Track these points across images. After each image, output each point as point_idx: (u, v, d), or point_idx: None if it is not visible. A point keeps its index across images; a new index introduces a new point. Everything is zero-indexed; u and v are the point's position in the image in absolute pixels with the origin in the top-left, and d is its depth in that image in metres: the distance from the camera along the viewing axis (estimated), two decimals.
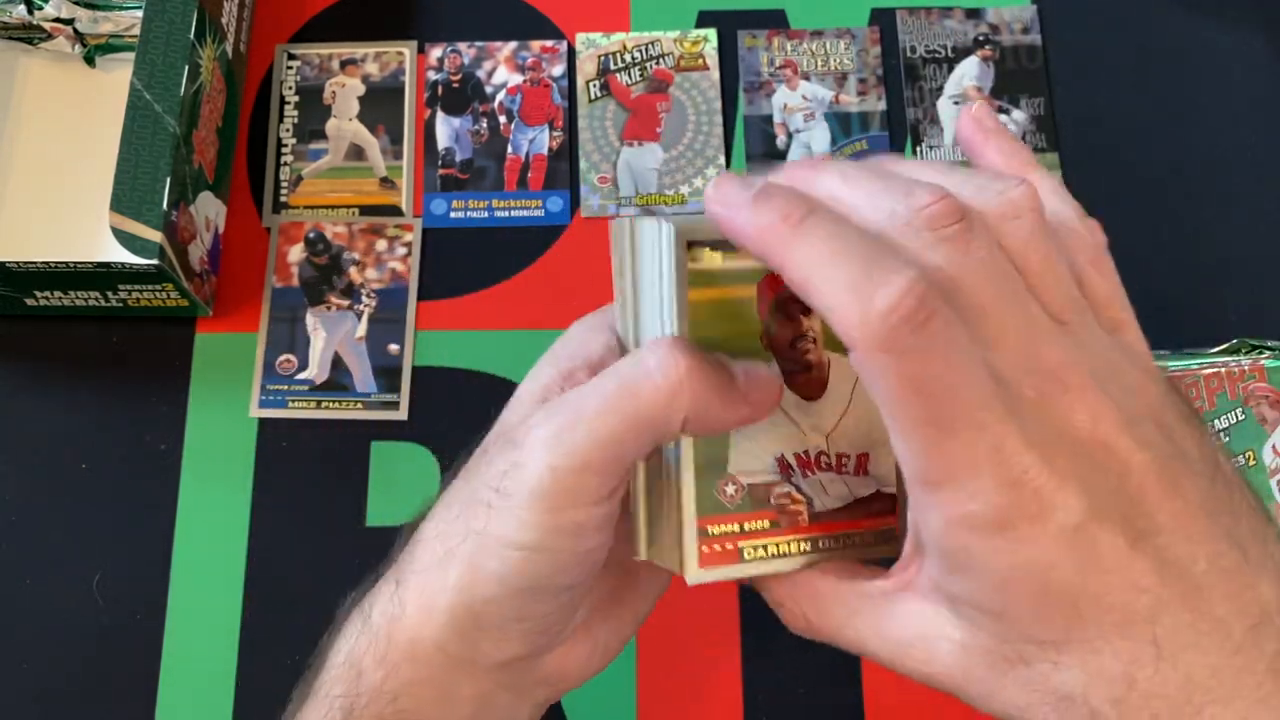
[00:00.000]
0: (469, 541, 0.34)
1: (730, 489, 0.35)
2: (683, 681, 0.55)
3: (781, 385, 0.35)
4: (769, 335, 0.35)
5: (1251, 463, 0.54)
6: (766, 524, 0.35)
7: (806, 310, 0.35)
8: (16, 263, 0.54)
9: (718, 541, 0.35)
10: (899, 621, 0.33)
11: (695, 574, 0.34)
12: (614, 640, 0.41)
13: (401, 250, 0.62)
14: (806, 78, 0.65)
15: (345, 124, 0.65)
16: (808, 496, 0.36)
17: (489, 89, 0.65)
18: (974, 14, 0.66)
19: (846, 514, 0.37)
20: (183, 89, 0.56)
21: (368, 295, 0.61)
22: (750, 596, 0.56)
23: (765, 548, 0.35)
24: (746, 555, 0.35)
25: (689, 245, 0.34)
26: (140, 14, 0.60)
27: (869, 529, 0.37)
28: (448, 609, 0.35)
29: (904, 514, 0.34)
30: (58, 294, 0.58)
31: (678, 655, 0.55)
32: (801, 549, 0.36)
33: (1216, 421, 0.54)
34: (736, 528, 0.35)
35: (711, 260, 0.34)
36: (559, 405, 0.33)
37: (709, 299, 0.34)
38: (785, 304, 0.35)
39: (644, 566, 0.37)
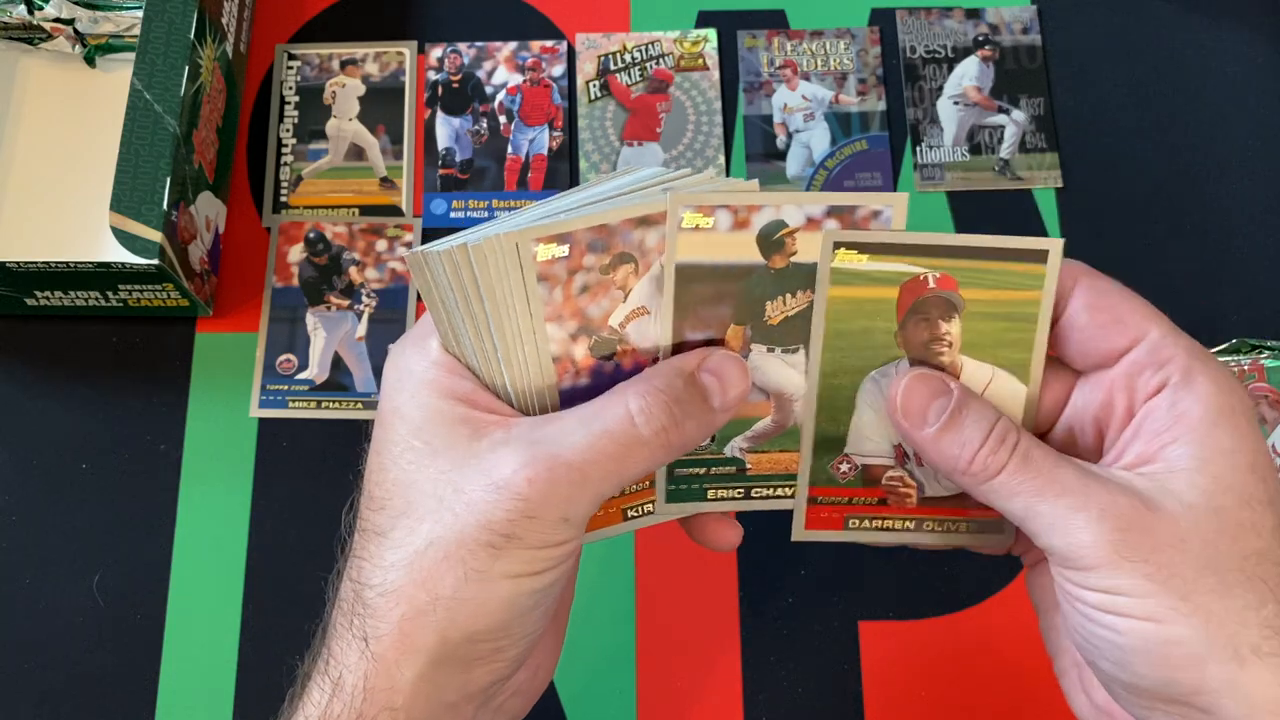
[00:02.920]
0: (471, 582, 0.35)
1: (844, 466, 0.39)
2: (683, 681, 0.55)
3: (747, 378, 0.38)
4: (904, 335, 0.38)
5: None
6: (874, 500, 0.39)
7: (948, 315, 0.37)
8: (16, 263, 0.54)
9: (827, 510, 0.39)
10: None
11: (801, 533, 0.39)
12: (560, 633, 0.43)
13: (401, 250, 0.62)
14: (806, 78, 0.65)
15: (345, 124, 0.65)
16: (919, 482, 0.39)
17: (489, 89, 0.65)
18: (974, 14, 0.66)
19: (954, 502, 0.39)
20: (183, 89, 0.56)
21: (368, 295, 0.61)
22: (750, 596, 0.56)
23: (869, 521, 0.39)
24: (850, 524, 0.39)
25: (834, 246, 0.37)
26: (140, 14, 0.60)
27: (975, 518, 0.40)
28: (438, 646, 0.35)
29: None
30: (58, 294, 0.58)
31: (678, 655, 0.55)
32: (905, 526, 0.39)
33: None
34: (845, 499, 0.39)
35: (856, 260, 0.37)
36: (559, 463, 0.35)
37: (849, 297, 0.37)
38: (925, 306, 0.37)
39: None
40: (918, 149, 0.64)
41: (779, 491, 0.40)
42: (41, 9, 0.63)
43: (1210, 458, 0.34)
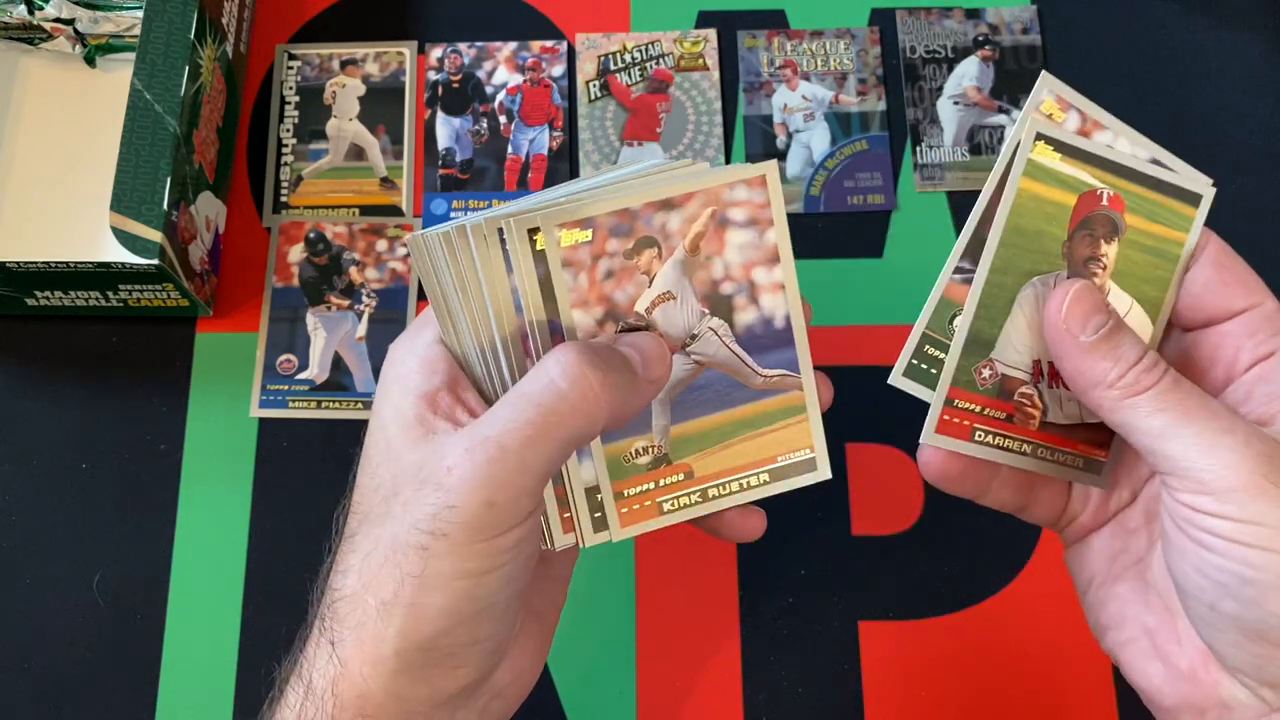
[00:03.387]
0: (407, 585, 0.34)
1: (986, 372, 0.39)
2: (683, 681, 0.55)
3: (667, 351, 0.38)
4: (1070, 245, 0.38)
5: None
6: (1003, 415, 0.39)
7: (1110, 236, 0.38)
8: (16, 263, 0.54)
9: (960, 415, 0.39)
10: None
11: (931, 437, 0.39)
12: (547, 633, 0.42)
13: (401, 250, 0.62)
14: (806, 78, 0.65)
15: (345, 124, 0.65)
16: (1045, 405, 0.39)
17: (489, 89, 0.65)
18: (974, 14, 0.66)
19: (1069, 433, 0.40)
20: (183, 89, 0.56)
21: (368, 295, 0.61)
22: (750, 596, 0.56)
23: (994, 436, 0.39)
24: (977, 436, 0.39)
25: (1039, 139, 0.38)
26: (140, 14, 0.60)
27: (1082, 453, 0.40)
28: (394, 655, 0.34)
29: (1117, 454, 0.40)
30: (58, 294, 0.58)
31: (678, 655, 0.55)
32: (1023, 449, 0.40)
33: None
34: (978, 409, 0.39)
35: (1051, 158, 0.38)
36: (477, 442, 0.34)
37: (1035, 193, 0.38)
38: (1093, 223, 0.38)
39: (553, 554, 0.39)
40: (918, 149, 0.64)
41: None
42: (41, 9, 0.63)
43: None
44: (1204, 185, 0.39)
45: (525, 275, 0.36)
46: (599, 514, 0.39)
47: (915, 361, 0.39)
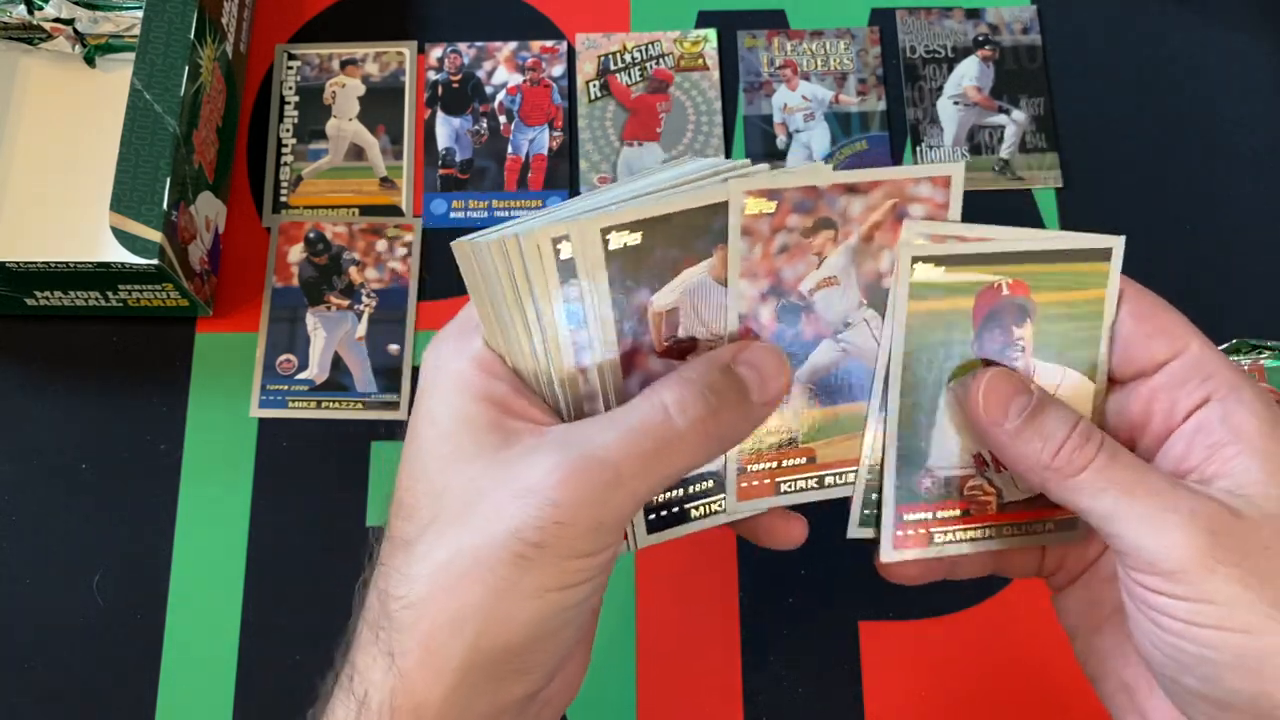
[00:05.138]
0: (496, 595, 0.33)
1: (928, 481, 0.39)
2: (683, 681, 0.55)
3: (785, 361, 0.37)
4: (980, 343, 0.38)
5: None
6: (957, 512, 0.39)
7: (1020, 321, 0.38)
8: (16, 263, 0.54)
9: (912, 527, 0.39)
10: None
11: (889, 555, 0.39)
12: (591, 639, 0.41)
13: (401, 250, 0.62)
14: (806, 78, 0.65)
15: (345, 124, 0.65)
16: (998, 489, 0.39)
17: (489, 89, 0.65)
18: (974, 14, 0.66)
19: (1031, 505, 0.40)
20: (183, 89, 0.56)
21: (368, 295, 0.61)
22: (750, 596, 0.56)
23: (954, 533, 0.39)
24: (936, 540, 0.39)
25: (912, 261, 0.37)
26: (140, 14, 0.60)
27: (1050, 517, 0.40)
28: (464, 665, 0.33)
29: None
30: (58, 294, 0.58)
31: (678, 655, 0.55)
32: (987, 535, 0.40)
33: None
34: (929, 515, 0.39)
35: (932, 274, 0.37)
36: (594, 464, 0.33)
37: (928, 310, 0.37)
38: (1000, 314, 0.38)
39: None
40: (918, 149, 0.64)
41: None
42: (41, 9, 0.63)
43: (1275, 469, 0.34)
44: (1110, 239, 0.38)
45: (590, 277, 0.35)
46: (653, 516, 0.39)
47: (867, 511, 0.40)
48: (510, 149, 0.64)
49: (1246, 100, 0.65)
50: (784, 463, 0.40)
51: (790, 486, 0.40)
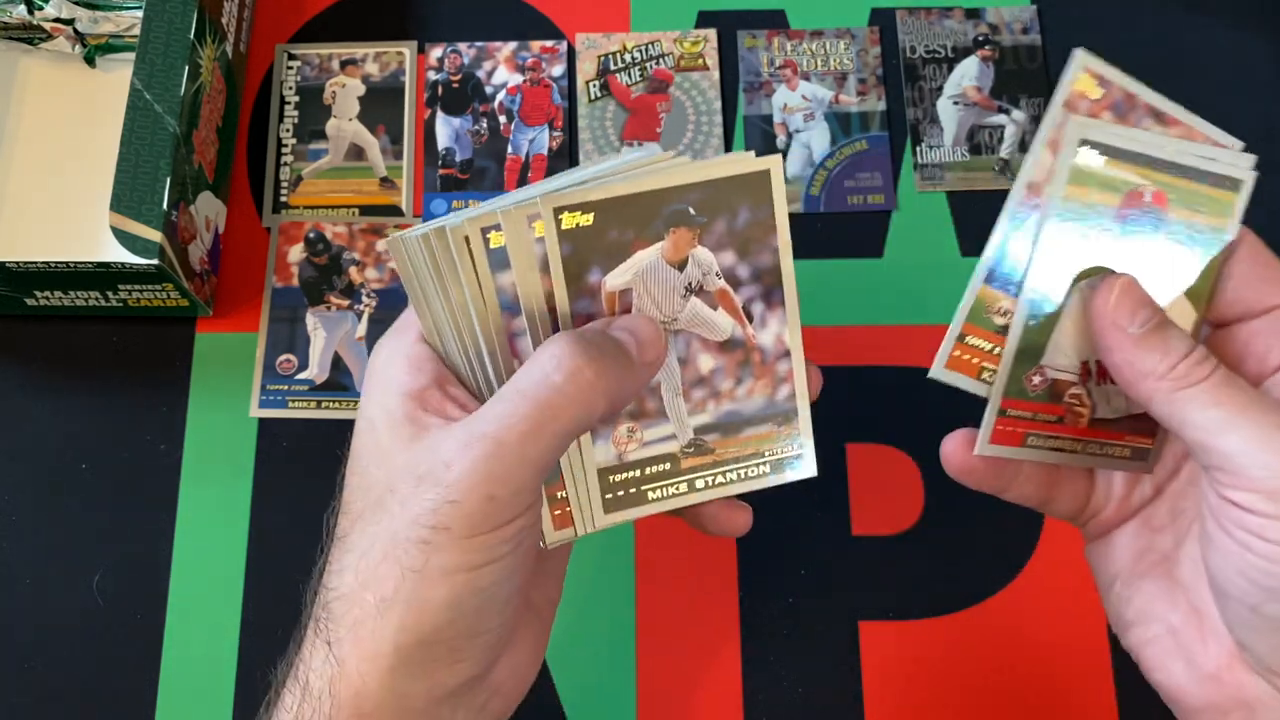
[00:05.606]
0: (408, 580, 0.34)
1: (1037, 379, 0.39)
2: (683, 681, 0.55)
3: (660, 332, 0.38)
4: (1118, 244, 0.38)
5: None
6: (1053, 418, 0.40)
7: (1153, 233, 0.38)
8: (16, 263, 0.54)
9: (1012, 424, 0.40)
10: None
11: (986, 447, 0.40)
12: (544, 630, 0.42)
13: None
14: (806, 78, 0.65)
15: (345, 124, 0.65)
16: (1094, 402, 0.40)
17: (489, 89, 0.65)
18: (974, 14, 0.66)
19: (1116, 426, 0.40)
20: (183, 89, 0.56)
21: (368, 295, 0.61)
22: (750, 596, 0.56)
23: (1046, 439, 0.40)
24: (1029, 442, 0.40)
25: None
26: (140, 14, 0.60)
27: (1129, 443, 0.40)
28: (394, 650, 0.34)
29: (1162, 440, 0.40)
30: (58, 294, 0.58)
31: (678, 655, 0.55)
32: (1074, 448, 0.40)
33: None
34: (1030, 415, 0.39)
35: (1094, 161, 0.38)
36: (476, 437, 0.34)
37: (1079, 198, 0.38)
38: (1138, 221, 0.38)
39: (547, 550, 0.39)
40: (918, 149, 0.64)
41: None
42: (41, 9, 0.63)
43: None
44: (1244, 169, 0.39)
45: (524, 266, 0.36)
46: (610, 495, 0.40)
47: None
48: (510, 149, 0.64)
49: (1247, 100, 0.65)
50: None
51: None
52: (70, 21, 0.64)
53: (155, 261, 0.54)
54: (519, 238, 0.36)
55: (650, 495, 0.40)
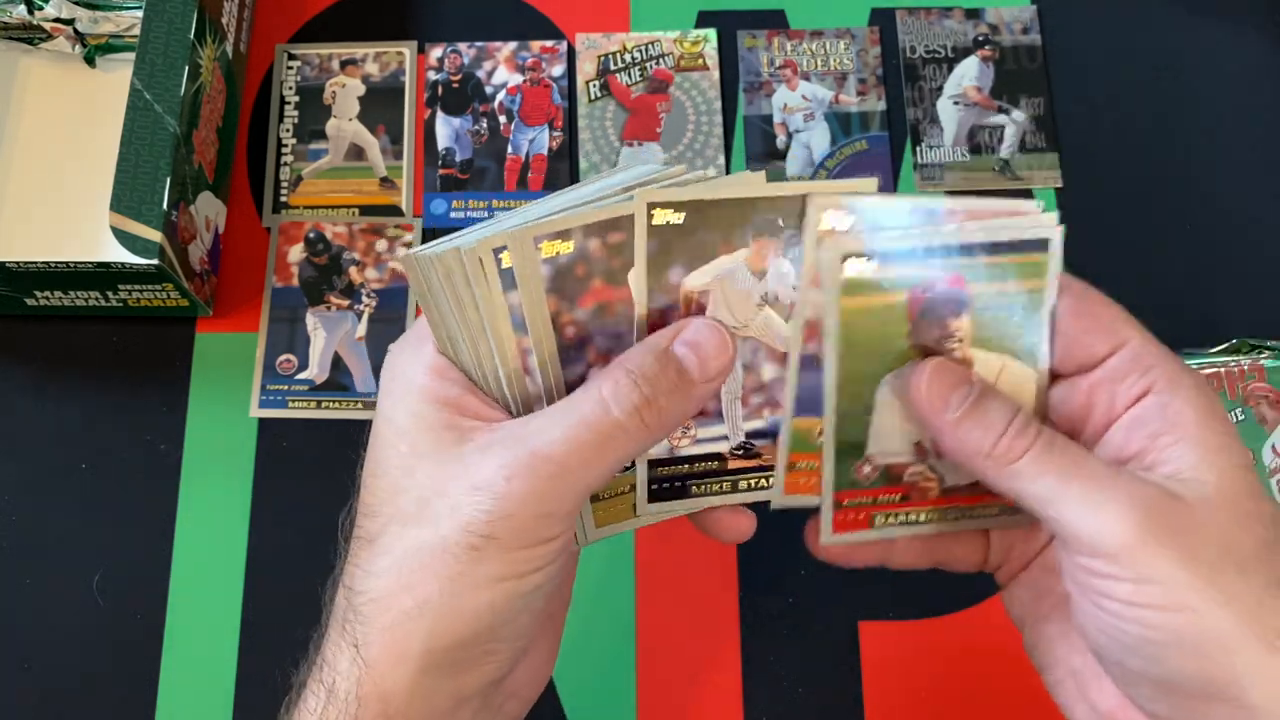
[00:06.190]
0: (452, 585, 0.35)
1: (867, 469, 0.39)
2: (683, 681, 0.55)
3: (727, 336, 0.37)
4: (916, 336, 0.38)
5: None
6: (898, 497, 0.39)
7: (956, 314, 0.37)
8: (16, 263, 0.54)
9: (852, 512, 0.39)
10: None
11: (830, 538, 0.40)
12: (558, 632, 0.42)
13: (402, 250, 0.62)
14: (806, 78, 0.65)
15: (345, 124, 0.65)
16: (940, 474, 0.39)
17: (489, 89, 0.65)
18: (974, 14, 0.66)
19: (974, 490, 0.40)
20: (183, 89, 0.56)
21: (368, 295, 0.61)
22: (750, 596, 0.56)
23: (894, 516, 0.40)
24: (876, 523, 0.40)
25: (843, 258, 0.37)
26: (140, 14, 0.60)
27: (995, 502, 0.40)
28: (424, 654, 0.35)
29: None
30: (58, 294, 0.58)
31: (678, 655, 0.55)
32: (929, 518, 0.40)
33: None
34: (870, 500, 0.39)
35: (865, 269, 0.37)
36: (540, 459, 0.35)
37: (860, 307, 0.37)
38: (935, 308, 0.37)
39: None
40: (918, 149, 0.64)
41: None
42: (41, 9, 0.63)
43: (1210, 456, 0.35)
44: (1049, 228, 0.37)
45: (530, 288, 0.36)
46: (655, 486, 0.40)
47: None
48: (510, 149, 0.64)
49: (1246, 100, 0.65)
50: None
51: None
52: (70, 21, 0.64)
53: (155, 261, 0.54)
54: (525, 260, 0.36)
55: (694, 489, 0.40)
